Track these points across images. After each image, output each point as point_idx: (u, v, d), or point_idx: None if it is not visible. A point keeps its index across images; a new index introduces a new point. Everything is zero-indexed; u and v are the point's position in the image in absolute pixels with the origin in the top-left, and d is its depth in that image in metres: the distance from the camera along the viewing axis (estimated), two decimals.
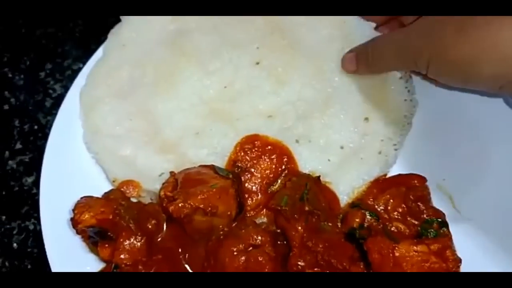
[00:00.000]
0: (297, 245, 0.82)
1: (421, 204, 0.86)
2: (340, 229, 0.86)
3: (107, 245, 0.83)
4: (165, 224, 0.87)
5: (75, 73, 1.18)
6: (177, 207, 0.81)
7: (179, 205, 0.81)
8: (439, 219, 0.84)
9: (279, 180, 0.93)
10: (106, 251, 0.83)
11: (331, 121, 0.97)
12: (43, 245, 0.90)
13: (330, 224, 0.85)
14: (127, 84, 1.04)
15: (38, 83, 1.25)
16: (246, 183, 0.92)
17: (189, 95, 1.01)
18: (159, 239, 0.86)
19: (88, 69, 1.08)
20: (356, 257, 0.81)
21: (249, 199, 0.91)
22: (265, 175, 0.93)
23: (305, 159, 0.94)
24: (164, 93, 1.01)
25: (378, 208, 0.88)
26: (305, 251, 0.81)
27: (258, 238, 0.83)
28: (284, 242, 0.86)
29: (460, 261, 0.78)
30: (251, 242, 0.83)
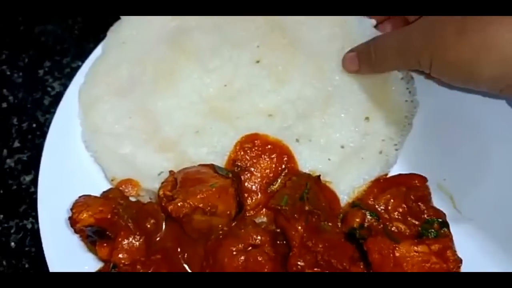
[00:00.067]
0: (297, 245, 0.81)
1: (421, 204, 0.86)
2: (340, 229, 0.85)
3: (105, 245, 0.83)
4: (164, 223, 0.87)
5: (74, 71, 1.17)
6: (176, 207, 0.81)
7: (178, 204, 0.81)
8: (440, 219, 0.84)
9: (279, 179, 0.92)
10: (104, 251, 0.83)
11: (331, 121, 0.96)
12: (41, 244, 0.90)
13: (330, 224, 0.85)
14: (126, 82, 1.04)
15: (36, 81, 1.24)
16: (245, 183, 0.91)
17: (189, 93, 1.00)
18: (158, 238, 0.86)
19: (87, 67, 1.08)
20: (356, 257, 0.80)
21: (249, 199, 0.91)
22: (265, 174, 0.92)
23: (305, 159, 0.94)
24: (163, 91, 1.01)
25: (378, 208, 0.87)
26: (305, 251, 0.80)
27: (257, 237, 0.83)
28: (283, 242, 0.85)
29: (460, 261, 0.77)
30: (251, 242, 0.82)
